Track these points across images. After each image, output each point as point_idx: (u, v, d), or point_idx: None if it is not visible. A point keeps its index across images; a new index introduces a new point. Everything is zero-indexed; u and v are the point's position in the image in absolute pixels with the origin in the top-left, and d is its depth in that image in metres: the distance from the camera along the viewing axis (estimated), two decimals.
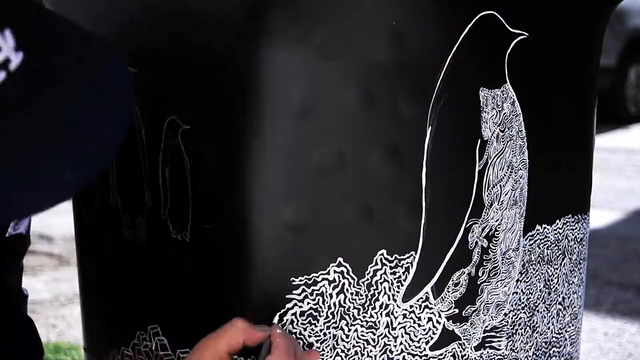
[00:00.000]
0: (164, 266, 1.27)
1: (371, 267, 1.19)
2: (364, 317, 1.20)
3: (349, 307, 1.19)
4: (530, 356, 1.36)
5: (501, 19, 1.25)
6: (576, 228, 1.41)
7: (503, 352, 1.32)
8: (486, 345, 1.30)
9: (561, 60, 1.34)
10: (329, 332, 1.19)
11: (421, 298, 1.23)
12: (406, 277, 1.21)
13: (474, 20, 1.22)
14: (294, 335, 1.16)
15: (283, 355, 1.09)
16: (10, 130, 0.82)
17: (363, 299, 1.20)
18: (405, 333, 1.23)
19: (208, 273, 1.21)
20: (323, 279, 1.17)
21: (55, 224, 4.84)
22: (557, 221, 1.37)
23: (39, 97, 0.85)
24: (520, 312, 1.34)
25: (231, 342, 1.10)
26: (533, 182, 1.32)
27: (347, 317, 1.19)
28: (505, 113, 1.27)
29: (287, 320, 1.17)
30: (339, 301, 1.19)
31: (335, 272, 1.18)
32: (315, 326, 1.18)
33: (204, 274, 1.22)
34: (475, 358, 1.29)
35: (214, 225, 1.19)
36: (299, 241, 1.17)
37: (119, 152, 1.30)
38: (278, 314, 1.17)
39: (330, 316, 1.19)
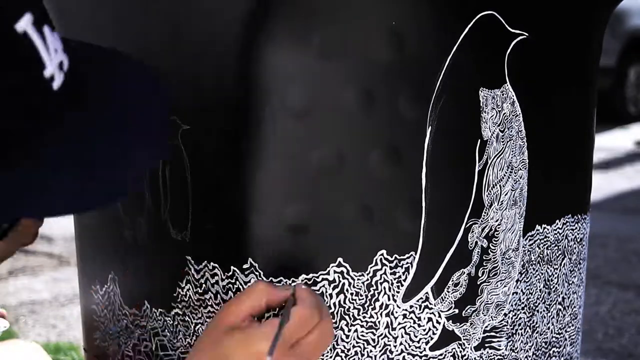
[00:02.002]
0: (164, 267, 1.27)
1: (371, 267, 1.19)
2: (364, 317, 1.20)
3: (349, 307, 1.19)
4: (530, 356, 1.36)
5: (501, 19, 1.25)
6: (576, 228, 1.41)
7: (503, 352, 1.32)
8: (486, 345, 1.30)
9: (561, 61, 1.34)
10: None
11: (421, 298, 1.23)
12: (406, 277, 1.21)
13: (474, 20, 1.22)
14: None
15: (307, 307, 1.09)
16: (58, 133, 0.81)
17: (363, 299, 1.20)
18: (405, 333, 1.23)
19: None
20: (323, 279, 1.18)
21: (55, 224, 4.83)
22: (557, 221, 1.37)
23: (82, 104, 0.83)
24: (520, 312, 1.34)
25: (253, 304, 1.10)
26: (533, 182, 1.32)
27: (347, 317, 1.19)
28: (505, 113, 1.27)
29: None
30: (339, 301, 1.19)
31: (335, 272, 1.18)
32: None
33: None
34: (475, 358, 1.29)
35: (214, 226, 1.19)
36: (299, 241, 1.17)
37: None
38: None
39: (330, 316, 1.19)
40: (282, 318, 1.08)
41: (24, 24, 0.76)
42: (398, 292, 1.21)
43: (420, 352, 1.24)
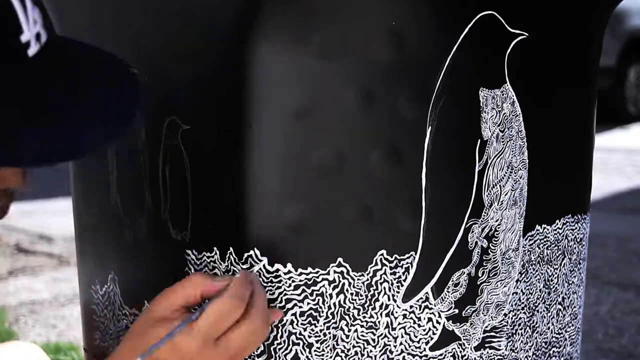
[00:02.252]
0: (164, 267, 1.26)
1: (371, 267, 1.19)
2: (364, 317, 1.20)
3: (349, 307, 1.19)
4: (530, 356, 1.36)
5: (501, 19, 1.25)
6: (576, 228, 1.41)
7: (503, 352, 1.32)
8: (486, 345, 1.30)
9: (561, 61, 1.35)
10: (329, 333, 1.19)
11: (421, 298, 1.23)
12: (406, 277, 1.21)
13: (474, 20, 1.22)
14: (280, 308, 1.15)
15: (227, 298, 1.08)
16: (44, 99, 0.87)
17: (363, 299, 1.20)
18: (405, 333, 1.23)
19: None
20: (323, 279, 1.17)
21: (55, 224, 4.83)
22: (557, 221, 1.37)
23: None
24: (520, 312, 1.34)
25: (187, 295, 1.11)
26: (533, 182, 1.32)
27: (347, 317, 1.19)
28: (505, 113, 1.27)
29: (287, 320, 1.17)
30: (339, 301, 1.19)
31: (335, 272, 1.18)
32: (315, 326, 1.18)
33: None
34: (475, 358, 1.29)
35: (214, 225, 1.18)
36: (298, 241, 1.17)
37: (119, 152, 1.30)
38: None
39: (330, 316, 1.19)
40: (189, 316, 1.08)
41: None
42: (398, 292, 1.21)
43: (420, 352, 1.24)
